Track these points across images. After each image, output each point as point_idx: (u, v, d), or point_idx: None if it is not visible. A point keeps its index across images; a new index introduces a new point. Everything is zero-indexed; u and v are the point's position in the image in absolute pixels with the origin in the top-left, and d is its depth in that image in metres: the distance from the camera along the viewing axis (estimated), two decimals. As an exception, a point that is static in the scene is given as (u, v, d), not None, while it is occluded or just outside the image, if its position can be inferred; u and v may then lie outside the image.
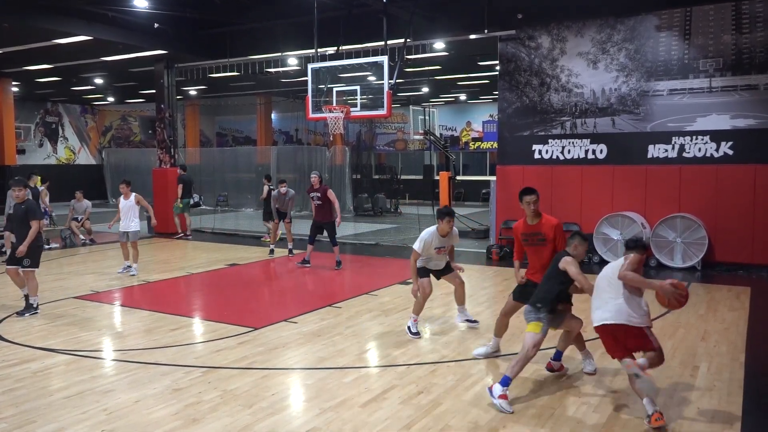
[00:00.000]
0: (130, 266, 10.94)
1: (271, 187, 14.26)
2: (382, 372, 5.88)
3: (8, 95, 21.51)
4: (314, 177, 11.46)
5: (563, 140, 12.49)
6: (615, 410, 5.01)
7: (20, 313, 7.96)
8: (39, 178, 15.81)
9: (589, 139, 12.26)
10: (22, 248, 7.80)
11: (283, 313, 8.07)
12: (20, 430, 4.61)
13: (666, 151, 11.59)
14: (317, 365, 6.05)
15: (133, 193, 10.97)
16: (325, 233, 11.42)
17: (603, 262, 11.64)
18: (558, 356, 5.88)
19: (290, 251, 13.02)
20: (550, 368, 5.85)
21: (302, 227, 15.21)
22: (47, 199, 15.97)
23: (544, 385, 5.57)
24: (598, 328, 5.05)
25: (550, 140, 12.61)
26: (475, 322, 7.44)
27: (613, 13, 11.85)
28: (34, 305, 8.08)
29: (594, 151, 12.23)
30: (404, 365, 6.01)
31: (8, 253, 8.18)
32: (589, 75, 12.19)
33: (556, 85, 12.49)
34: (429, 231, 6.94)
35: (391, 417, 4.81)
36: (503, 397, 4.96)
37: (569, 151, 12.45)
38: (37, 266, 8.05)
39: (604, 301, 5.07)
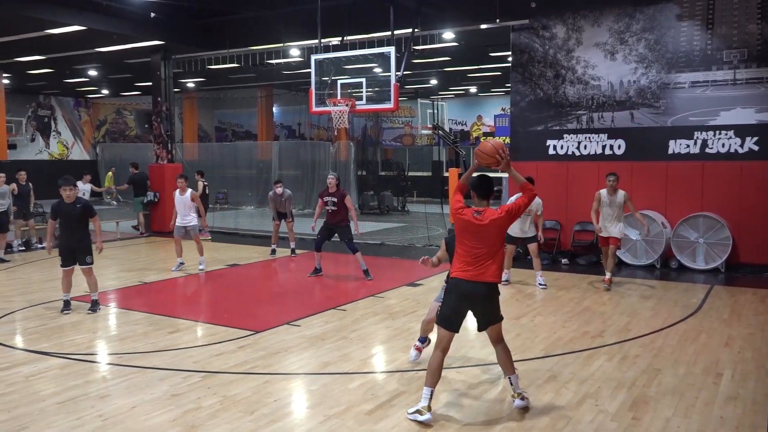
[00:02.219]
0: (182, 263, 11.02)
1: (205, 183, 15.28)
2: (389, 378, 5.72)
3: (-1, 88, 21.01)
4: (331, 179, 10.37)
5: (579, 135, 11.98)
6: (633, 419, 4.78)
7: (93, 310, 8.12)
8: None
9: (606, 134, 11.75)
10: (101, 244, 8.21)
11: (285, 316, 7.88)
12: None
13: (688, 146, 11.09)
14: (321, 370, 5.89)
15: (190, 189, 10.99)
16: (338, 237, 10.45)
17: (621, 263, 11.20)
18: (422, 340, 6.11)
19: (293, 251, 12.61)
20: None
21: (304, 226, 14.79)
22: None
23: (561, 392, 5.31)
24: None
25: (565, 135, 12.11)
26: (544, 286, 9.36)
27: (631, 1, 11.36)
28: (96, 299, 8.27)
29: (612, 147, 11.73)
30: (412, 371, 5.82)
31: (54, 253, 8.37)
32: (606, 66, 11.67)
33: (571, 77, 11.97)
34: (514, 196, 7.96)
35: (398, 425, 4.68)
36: (417, 348, 6.02)
37: (585, 147, 11.93)
38: (93, 262, 8.23)
39: None
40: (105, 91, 27.90)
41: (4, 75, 21.38)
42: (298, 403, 5.24)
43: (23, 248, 13.23)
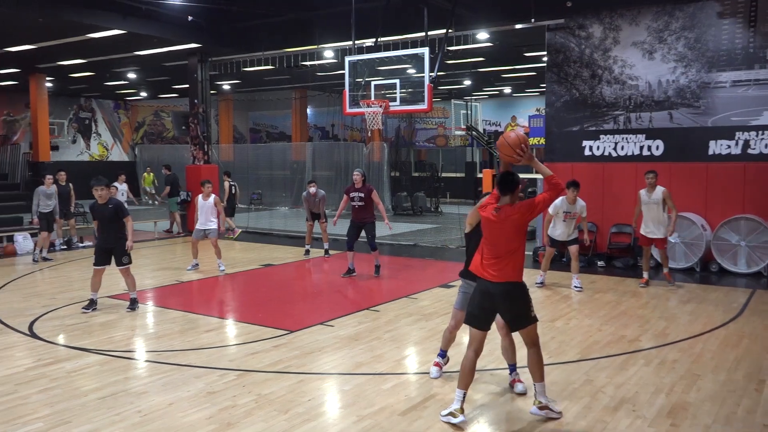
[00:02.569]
0: (197, 264, 11.18)
1: (233, 183, 15.47)
2: (423, 379, 5.68)
3: (42, 91, 21.54)
4: (357, 175, 10.53)
5: (616, 136, 11.78)
6: (672, 425, 4.69)
7: (132, 308, 8.26)
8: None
9: (644, 135, 11.53)
10: (130, 244, 8.20)
11: (319, 316, 7.89)
12: (55, 430, 4.62)
13: (729, 147, 10.81)
14: (354, 370, 5.89)
15: (213, 195, 11.17)
16: (363, 234, 10.53)
17: (658, 266, 10.96)
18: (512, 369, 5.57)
19: (326, 251, 12.66)
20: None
21: (337, 226, 14.83)
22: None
23: (597, 396, 5.23)
24: None
25: (601, 136, 11.91)
26: (580, 288, 9.28)
27: (671, -1, 11.11)
28: (135, 298, 8.39)
29: (650, 148, 11.50)
30: (445, 372, 5.77)
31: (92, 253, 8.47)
32: (644, 66, 11.45)
33: (608, 77, 11.78)
34: (560, 198, 8.84)
35: (432, 426, 4.65)
36: (436, 364, 5.72)
37: (623, 148, 11.73)
38: (131, 262, 8.33)
39: None
40: (143, 94, 28.41)
41: (48, 79, 21.91)
42: (332, 403, 5.24)
43: (65, 247, 13.58)
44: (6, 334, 7.14)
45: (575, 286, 9.42)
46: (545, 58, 12.65)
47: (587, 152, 12.05)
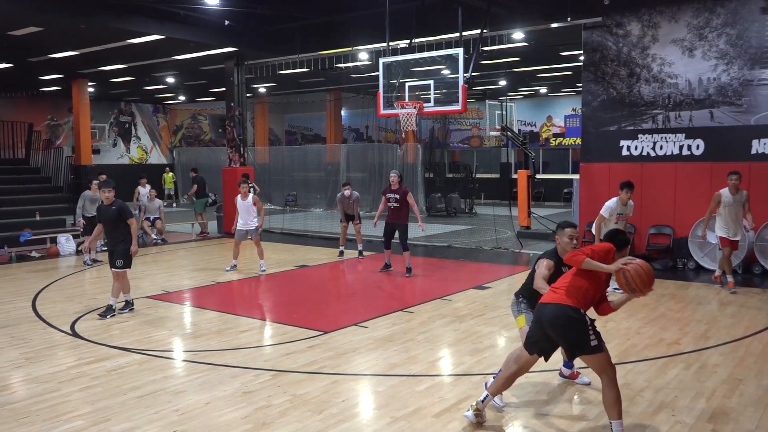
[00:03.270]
0: (235, 265, 11.24)
1: (250, 185, 15.21)
2: (457, 381, 5.65)
3: (84, 96, 22.10)
4: (394, 176, 10.79)
5: (655, 135, 11.55)
6: (713, 431, 4.60)
7: (103, 315, 8.01)
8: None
9: (684, 134, 11.28)
10: (135, 248, 8.04)
11: (353, 317, 7.92)
12: (96, 427, 4.70)
13: (773, 146, 10.51)
14: (388, 372, 5.88)
15: (251, 194, 11.28)
16: (397, 235, 10.72)
17: (699, 269, 10.74)
18: (567, 365, 5.58)
19: (360, 253, 12.70)
20: (562, 374, 5.62)
21: (371, 228, 14.88)
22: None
23: (635, 400, 5.13)
24: None
25: (639, 135, 11.70)
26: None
27: (712, -5, 10.86)
28: (130, 301, 8.31)
29: (690, 147, 11.24)
30: (480, 374, 5.73)
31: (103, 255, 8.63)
32: (684, 64, 11.21)
33: (646, 75, 11.56)
34: (612, 200, 8.97)
35: (466, 428, 4.63)
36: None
37: (661, 147, 11.49)
38: (129, 266, 8.15)
39: None
40: (181, 98, 28.91)
41: (89, 84, 22.46)
42: (366, 404, 5.25)
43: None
44: (49, 333, 7.33)
45: (615, 289, 9.23)
46: (582, 57, 12.47)
47: (625, 152, 11.84)
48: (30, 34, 13.96)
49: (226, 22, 14.68)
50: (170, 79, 22.38)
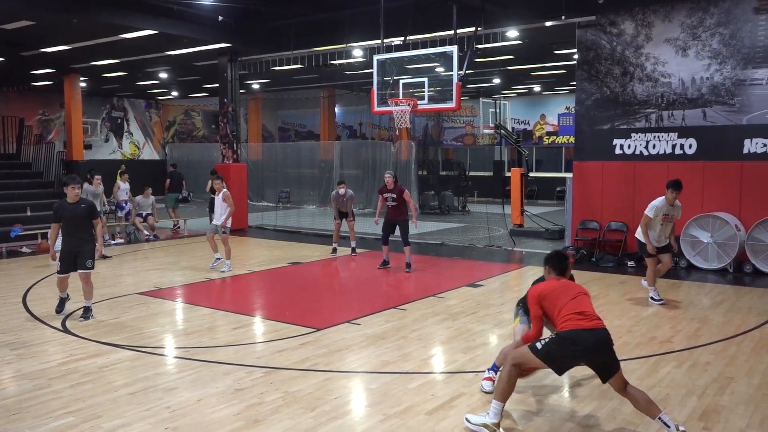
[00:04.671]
0: (220, 258, 11.13)
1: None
2: (449, 379, 5.67)
3: (76, 91, 21.95)
4: (388, 177, 10.95)
5: (648, 134, 11.60)
6: (704, 429, 4.62)
7: (85, 317, 7.69)
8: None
9: (676, 133, 11.33)
10: (101, 248, 7.84)
11: (345, 314, 7.92)
12: (87, 424, 4.68)
13: (765, 145, 10.58)
14: (381, 369, 5.89)
15: (224, 190, 11.21)
16: (398, 232, 10.93)
17: (691, 267, 10.79)
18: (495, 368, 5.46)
19: (353, 250, 12.71)
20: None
21: (365, 225, 14.89)
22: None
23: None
24: None
25: (632, 134, 11.74)
26: (660, 300, 8.41)
27: (705, -6, 10.90)
28: (89, 306, 7.80)
29: (682, 146, 11.30)
30: (472, 372, 5.75)
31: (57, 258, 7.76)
32: (677, 63, 11.25)
33: (640, 74, 11.60)
34: (659, 199, 8.37)
35: (458, 426, 4.62)
36: (488, 378, 5.31)
37: (654, 146, 11.54)
38: (94, 267, 7.81)
39: None
40: (174, 93, 28.78)
41: (81, 79, 22.32)
42: (358, 402, 5.25)
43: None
44: (40, 329, 7.29)
45: (652, 298, 8.57)
46: (576, 56, 12.51)
47: (618, 151, 11.88)
48: (22, 28, 13.83)
49: (220, 18, 14.62)
50: (163, 75, 22.25)
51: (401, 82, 11.92)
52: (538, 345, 4.42)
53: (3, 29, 13.94)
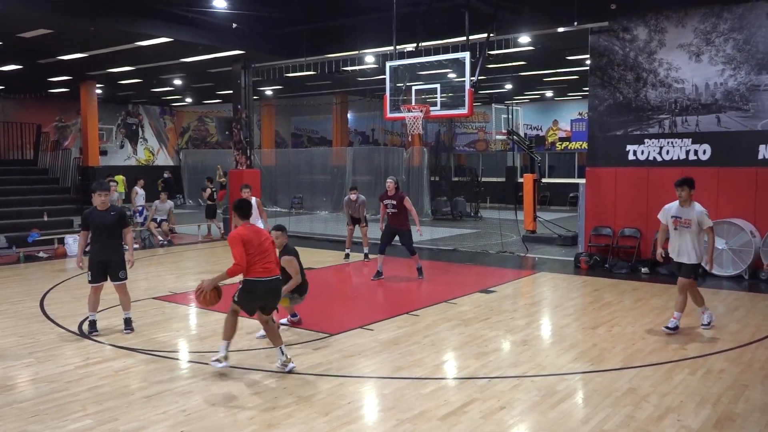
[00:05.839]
0: None
1: (213, 189, 16.25)
2: (462, 384, 5.67)
3: (92, 97, 22.27)
4: (390, 182, 10.66)
5: (661, 140, 11.55)
6: None
7: (130, 329, 7.47)
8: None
9: (690, 139, 11.28)
10: (131, 257, 7.48)
11: (358, 320, 7.95)
12: (104, 426, 4.75)
13: (780, 151, 10.50)
14: (394, 374, 5.92)
15: (255, 198, 10.94)
16: (399, 241, 10.67)
17: (705, 273, 10.69)
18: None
19: (366, 256, 12.75)
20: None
21: (378, 231, 14.88)
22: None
23: (641, 405, 5.05)
24: None
25: (646, 140, 11.69)
26: (708, 326, 7.47)
27: (719, 0, 10.85)
28: (130, 317, 7.57)
29: (696, 152, 11.24)
30: (485, 378, 5.77)
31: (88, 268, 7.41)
32: (690, 69, 11.21)
33: (653, 80, 11.57)
34: (673, 202, 7.40)
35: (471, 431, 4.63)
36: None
37: (668, 152, 11.49)
38: (127, 278, 7.54)
39: None
40: (188, 100, 29.07)
41: (97, 86, 22.62)
42: (372, 407, 5.27)
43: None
44: (57, 333, 7.40)
45: (703, 324, 7.54)
46: (588, 62, 12.47)
47: (631, 156, 11.84)
48: (40, 36, 14.08)
49: (234, 25, 14.76)
50: (177, 82, 22.52)
51: (414, 88, 11.96)
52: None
53: (21, 37, 14.18)
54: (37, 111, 24.75)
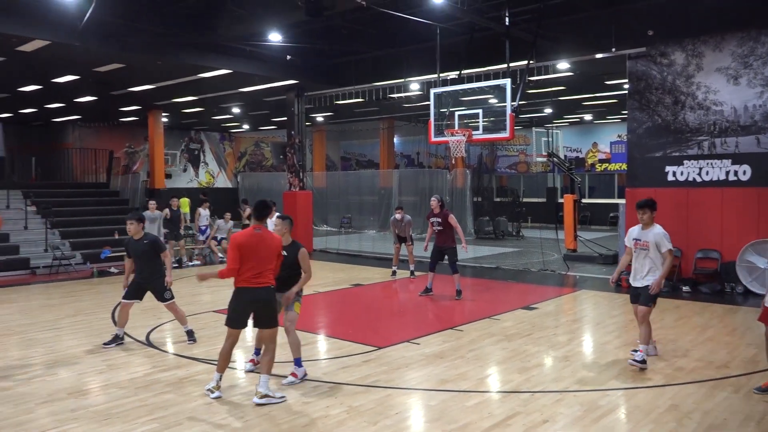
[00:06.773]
0: None
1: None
2: (505, 398, 5.78)
3: (159, 125, 23.46)
4: (434, 201, 10.79)
5: (700, 161, 11.72)
6: None
7: (193, 340, 7.85)
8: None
9: (730, 160, 11.42)
10: (170, 278, 7.78)
11: (405, 334, 8.17)
12: (169, 430, 5.04)
13: (820, 171, 10.57)
14: (439, 387, 6.06)
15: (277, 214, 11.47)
16: (446, 259, 10.88)
17: (748, 293, 10.80)
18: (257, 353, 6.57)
19: (412, 273, 13.12)
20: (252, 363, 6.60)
21: (423, 249, 15.27)
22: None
23: (683, 422, 5.20)
24: None
25: (685, 161, 11.88)
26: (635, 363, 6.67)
27: (755, 25, 11.05)
28: (191, 330, 7.95)
29: (736, 173, 11.37)
30: (528, 392, 5.88)
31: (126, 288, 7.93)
32: (729, 91, 11.41)
33: (691, 102, 11.80)
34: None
35: None
36: (251, 361, 6.55)
37: (707, 173, 11.66)
38: (174, 297, 7.91)
39: None
40: (246, 126, 30.20)
41: (163, 114, 23.86)
42: (418, 418, 5.40)
43: (176, 266, 14.75)
44: (127, 343, 7.75)
45: (632, 361, 6.68)
46: (626, 86, 12.71)
47: (670, 177, 12.03)
48: (113, 71, 15.15)
49: (288, 57, 15.60)
50: (236, 110, 23.40)
51: (456, 113, 12.38)
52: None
53: (97, 72, 15.34)
54: (109, 138, 26.16)
